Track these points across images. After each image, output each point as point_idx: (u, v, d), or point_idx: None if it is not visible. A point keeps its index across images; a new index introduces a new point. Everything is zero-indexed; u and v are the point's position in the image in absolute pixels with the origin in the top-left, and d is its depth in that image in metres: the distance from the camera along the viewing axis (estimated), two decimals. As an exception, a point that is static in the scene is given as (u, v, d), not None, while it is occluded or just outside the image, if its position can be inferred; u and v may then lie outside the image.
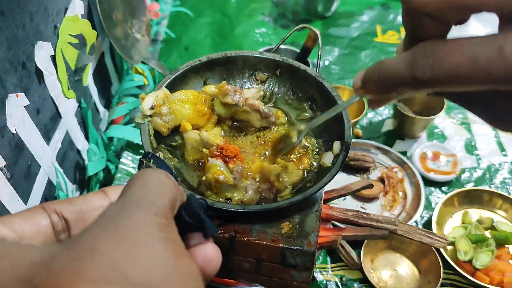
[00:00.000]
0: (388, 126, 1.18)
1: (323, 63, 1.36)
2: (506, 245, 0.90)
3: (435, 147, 1.10)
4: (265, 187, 0.63)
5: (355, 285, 0.87)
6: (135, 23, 1.18)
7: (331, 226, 0.85)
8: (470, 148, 1.13)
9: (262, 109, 0.69)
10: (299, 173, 0.66)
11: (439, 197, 1.02)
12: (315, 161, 0.68)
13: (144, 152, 0.52)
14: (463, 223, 0.96)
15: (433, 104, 1.10)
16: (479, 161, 1.10)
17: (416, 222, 0.97)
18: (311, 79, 0.74)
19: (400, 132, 1.14)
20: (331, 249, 0.91)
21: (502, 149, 1.13)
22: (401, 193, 1.01)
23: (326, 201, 0.79)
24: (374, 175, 1.06)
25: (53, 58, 0.79)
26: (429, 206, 1.00)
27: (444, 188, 1.03)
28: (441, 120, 1.19)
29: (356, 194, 1.00)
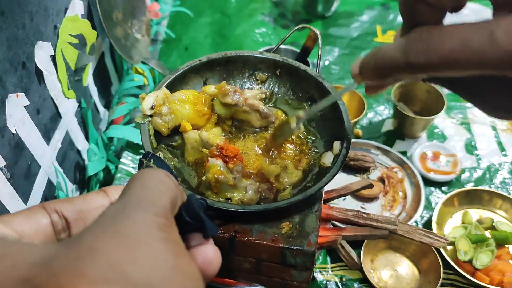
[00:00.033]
0: (388, 126, 1.18)
1: (323, 63, 1.36)
2: (506, 245, 0.90)
3: (435, 147, 1.10)
4: (265, 187, 0.63)
5: (355, 285, 0.87)
6: (135, 23, 1.18)
7: (331, 226, 0.85)
8: (470, 148, 1.13)
9: (262, 109, 0.69)
10: (299, 173, 0.66)
11: (439, 197, 1.02)
12: (314, 161, 0.68)
13: (144, 152, 0.52)
14: (463, 223, 0.96)
15: (433, 104, 1.10)
16: (479, 161, 1.10)
17: (416, 222, 0.97)
18: (311, 79, 0.74)
19: (400, 132, 1.14)
20: (331, 249, 0.91)
21: (502, 149, 1.13)
22: (401, 193, 1.01)
23: (326, 201, 0.79)
24: (374, 175, 1.06)
25: (53, 58, 0.79)
26: (429, 206, 1.00)
27: (444, 188, 1.03)
28: (441, 120, 1.19)
29: (356, 194, 1.00)
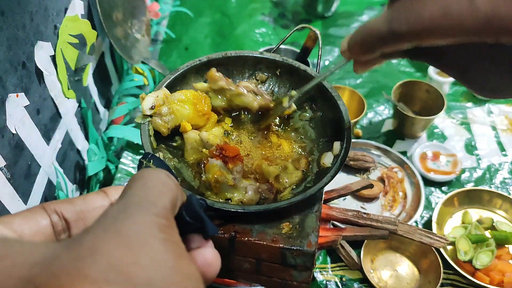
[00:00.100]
0: (388, 126, 1.18)
1: (323, 63, 1.35)
2: (506, 245, 0.90)
3: (435, 147, 1.10)
4: (265, 187, 0.62)
5: (355, 285, 0.87)
6: (135, 23, 1.18)
7: (331, 226, 0.85)
8: (470, 148, 1.13)
9: (256, 88, 0.70)
10: (299, 173, 0.66)
11: (439, 197, 1.02)
12: (314, 162, 0.68)
13: (144, 152, 0.52)
14: (463, 223, 0.96)
15: (433, 104, 1.10)
16: (479, 161, 1.10)
17: (416, 222, 0.97)
18: (311, 79, 0.73)
19: (400, 132, 1.14)
20: (331, 249, 0.91)
21: (502, 149, 1.13)
22: (401, 193, 1.01)
23: (326, 201, 0.79)
24: (374, 175, 1.06)
25: (53, 58, 0.79)
26: (429, 206, 1.00)
27: (444, 188, 1.03)
28: (441, 120, 1.19)
29: (356, 194, 1.00)
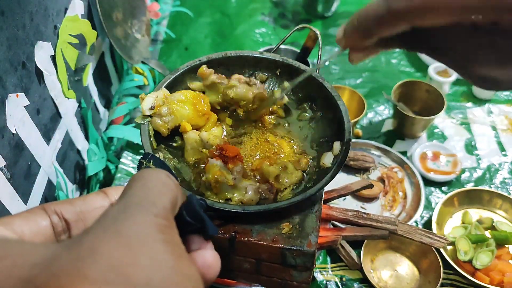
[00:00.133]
0: (388, 126, 1.18)
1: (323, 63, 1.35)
2: (506, 245, 0.90)
3: (435, 147, 1.10)
4: (265, 187, 0.62)
5: (355, 285, 0.87)
6: (135, 23, 1.18)
7: (331, 226, 0.85)
8: (470, 148, 1.13)
9: (248, 78, 0.71)
10: (299, 174, 0.66)
11: (439, 197, 1.02)
12: (314, 162, 0.68)
13: (144, 152, 0.52)
14: (463, 223, 0.96)
15: (433, 104, 1.10)
16: (479, 161, 1.10)
17: (416, 222, 0.97)
18: (311, 79, 0.74)
19: (400, 132, 1.14)
20: (331, 249, 0.91)
21: (502, 149, 1.13)
22: (401, 193, 1.01)
23: (326, 201, 0.79)
24: (374, 175, 1.06)
25: (53, 58, 0.79)
26: (429, 206, 1.00)
27: (444, 188, 1.03)
28: (441, 120, 1.19)
29: (356, 194, 1.00)
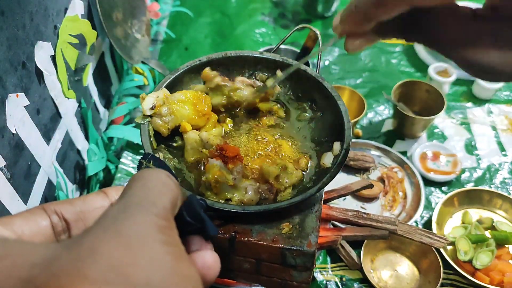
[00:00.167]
0: (388, 126, 1.18)
1: (323, 63, 1.35)
2: (506, 245, 0.90)
3: (435, 147, 1.10)
4: (265, 187, 0.62)
5: (355, 285, 0.87)
6: (135, 23, 1.18)
7: (331, 226, 0.85)
8: (470, 148, 1.13)
9: (252, 81, 0.71)
10: (299, 174, 0.66)
11: (439, 197, 1.02)
12: (313, 162, 0.68)
13: (144, 152, 0.52)
14: (463, 223, 0.96)
15: (433, 104, 1.10)
16: (479, 161, 1.10)
17: (416, 222, 0.97)
18: (311, 79, 0.74)
19: (400, 132, 1.14)
20: (331, 249, 0.91)
21: (502, 149, 1.13)
22: (401, 193, 1.01)
23: (326, 201, 0.79)
24: (374, 175, 1.06)
25: (53, 58, 0.79)
26: (429, 206, 1.00)
27: (444, 188, 1.03)
28: (441, 120, 1.19)
29: (356, 194, 1.00)
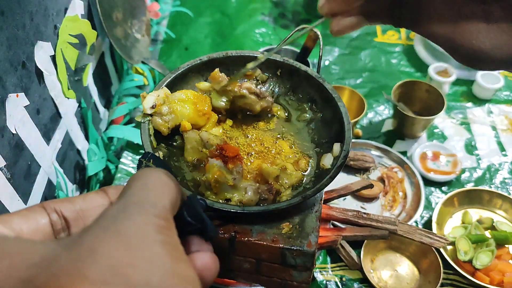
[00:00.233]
0: (388, 126, 1.18)
1: (323, 63, 1.35)
2: (506, 245, 0.90)
3: (435, 147, 1.10)
4: (264, 188, 0.62)
5: (355, 285, 0.87)
6: (135, 23, 1.18)
7: (331, 226, 0.85)
8: (470, 148, 1.13)
9: (259, 90, 0.70)
10: (298, 174, 0.66)
11: (439, 197, 1.02)
12: (313, 163, 0.68)
13: (144, 152, 0.52)
14: (463, 223, 0.96)
15: (433, 104, 1.10)
16: (479, 161, 1.10)
17: (416, 222, 0.97)
18: (311, 80, 0.73)
19: (400, 132, 1.14)
20: (331, 249, 0.91)
21: (502, 149, 1.13)
22: (401, 193, 1.01)
23: (326, 201, 0.79)
24: (374, 175, 1.06)
25: (53, 58, 0.79)
26: (429, 206, 1.00)
27: (444, 188, 1.03)
28: (441, 120, 1.19)
29: (356, 194, 1.00)
